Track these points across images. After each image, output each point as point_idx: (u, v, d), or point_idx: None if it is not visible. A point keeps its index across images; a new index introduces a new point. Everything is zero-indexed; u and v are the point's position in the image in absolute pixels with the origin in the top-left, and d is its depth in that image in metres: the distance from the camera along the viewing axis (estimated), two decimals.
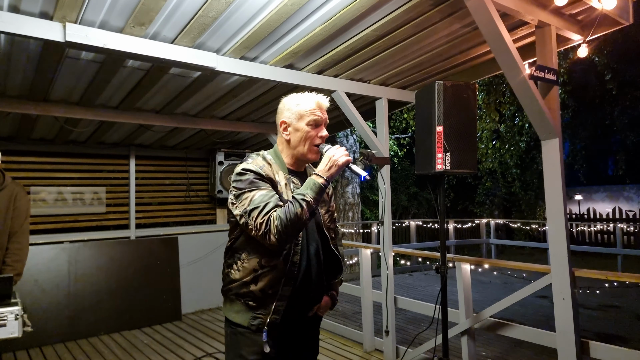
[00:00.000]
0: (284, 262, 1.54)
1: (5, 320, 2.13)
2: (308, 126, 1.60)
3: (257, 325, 1.56)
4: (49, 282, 4.50)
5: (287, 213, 1.42)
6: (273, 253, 1.53)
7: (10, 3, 2.10)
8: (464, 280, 3.35)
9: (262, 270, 1.54)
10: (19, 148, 4.59)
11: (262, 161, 1.60)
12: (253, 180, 1.52)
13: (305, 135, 1.60)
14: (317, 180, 1.48)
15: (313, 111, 1.61)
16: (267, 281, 1.54)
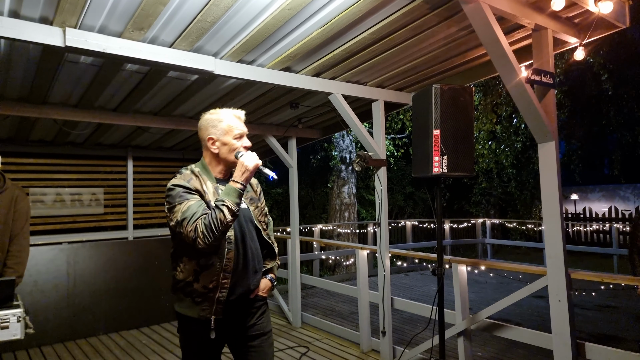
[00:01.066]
0: (219, 259, 1.77)
1: (7, 323, 2.14)
2: (234, 139, 1.82)
3: (205, 316, 1.80)
4: (48, 283, 4.51)
5: (210, 219, 1.65)
6: (208, 254, 1.75)
7: (11, 8, 2.12)
8: (460, 281, 3.39)
9: (201, 269, 1.77)
10: (18, 150, 4.61)
11: (190, 174, 1.82)
12: (181, 194, 1.73)
13: (232, 147, 1.82)
14: (234, 186, 1.71)
15: (237, 126, 1.85)
16: (207, 278, 1.77)
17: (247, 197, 1.97)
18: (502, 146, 8.90)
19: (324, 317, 5.35)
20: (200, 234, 1.64)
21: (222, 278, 1.78)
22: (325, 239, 8.31)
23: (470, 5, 2.25)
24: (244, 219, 1.90)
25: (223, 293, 1.79)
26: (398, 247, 9.40)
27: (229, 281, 1.80)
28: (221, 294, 1.79)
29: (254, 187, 2.06)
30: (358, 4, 2.33)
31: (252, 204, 1.99)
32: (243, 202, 1.89)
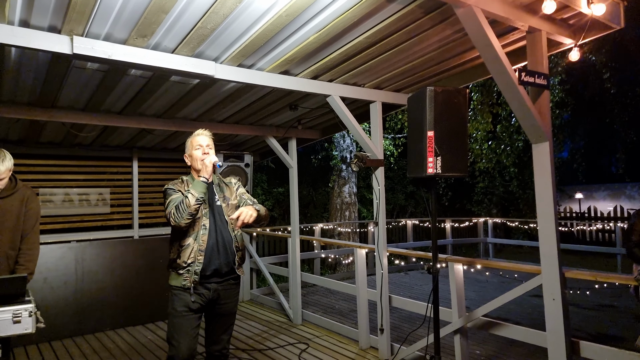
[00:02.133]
0: (195, 241, 2.39)
1: (20, 317, 2.25)
2: (195, 151, 2.52)
3: (185, 285, 2.38)
4: (57, 280, 4.64)
5: (179, 203, 2.31)
6: (186, 236, 2.38)
7: (21, 18, 2.23)
8: (456, 280, 3.45)
9: (181, 248, 2.39)
10: (27, 151, 4.74)
11: (179, 181, 2.53)
12: (169, 192, 2.44)
13: (194, 157, 2.51)
14: (198, 180, 2.39)
15: (197, 141, 2.54)
16: (186, 254, 2.37)
17: (221, 196, 2.56)
18: (502, 146, 8.92)
19: (324, 314, 5.44)
20: (173, 214, 2.30)
21: (197, 255, 2.38)
22: (325, 238, 8.40)
23: (462, 10, 2.32)
24: (217, 213, 2.50)
25: (198, 267, 2.37)
26: (398, 246, 9.46)
27: (203, 258, 2.38)
28: (197, 267, 2.37)
29: (231, 188, 2.66)
30: (353, 10, 2.42)
31: (224, 202, 2.56)
32: (217, 200, 2.52)
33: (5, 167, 2.62)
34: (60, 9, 2.15)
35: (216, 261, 2.41)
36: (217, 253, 2.42)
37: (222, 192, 2.59)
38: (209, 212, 2.47)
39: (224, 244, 2.45)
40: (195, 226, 2.40)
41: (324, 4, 2.34)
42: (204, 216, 2.44)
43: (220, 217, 2.50)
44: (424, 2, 2.41)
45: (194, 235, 2.39)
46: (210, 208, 2.50)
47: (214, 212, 2.49)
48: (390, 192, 13.89)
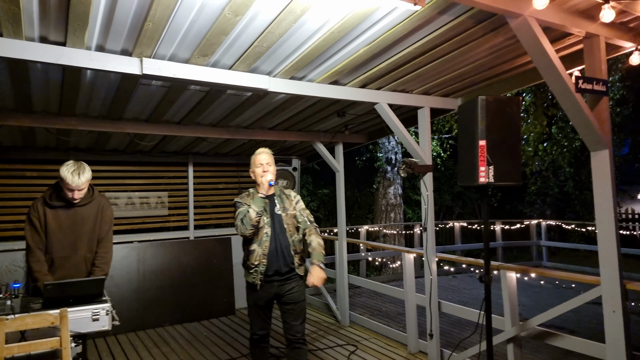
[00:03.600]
0: (260, 247, 2.87)
1: (98, 316, 2.50)
2: (257, 168, 2.95)
3: (254, 282, 2.89)
4: (122, 278, 5.01)
5: (243, 217, 2.81)
6: (252, 242, 2.88)
7: (98, 43, 2.46)
8: (509, 288, 3.39)
9: (249, 252, 2.91)
10: (95, 158, 5.13)
11: (246, 193, 3.00)
12: (237, 205, 2.95)
13: (256, 173, 2.96)
14: (258, 196, 2.86)
15: (258, 159, 2.98)
16: (253, 257, 2.89)
17: (281, 207, 2.97)
18: (556, 147, 8.53)
19: (371, 316, 5.49)
20: (238, 226, 2.84)
21: (261, 258, 2.86)
22: (371, 242, 8.43)
23: (516, 20, 2.30)
24: (277, 221, 2.93)
25: (263, 268, 2.86)
26: (445, 248, 9.30)
27: (266, 261, 2.87)
28: (262, 268, 2.86)
29: (290, 199, 3.06)
30: (403, 23, 2.46)
31: (284, 212, 2.98)
32: (278, 210, 2.95)
33: (85, 178, 2.89)
34: (132, 34, 2.35)
35: (276, 263, 2.88)
36: (277, 256, 2.88)
37: (282, 202, 2.99)
38: (270, 220, 2.91)
39: (282, 249, 2.90)
40: (259, 233, 2.87)
41: (375, 19, 2.40)
42: (266, 224, 2.88)
43: (280, 225, 2.92)
44: (475, 13, 2.40)
45: (258, 241, 2.87)
46: (271, 217, 2.93)
47: (274, 221, 2.92)
48: (436, 192, 13.63)
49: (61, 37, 2.33)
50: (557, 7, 2.40)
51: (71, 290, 2.54)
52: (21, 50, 2.28)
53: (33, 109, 3.56)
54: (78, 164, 2.90)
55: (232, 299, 5.70)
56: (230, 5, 2.11)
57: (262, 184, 2.89)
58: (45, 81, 2.98)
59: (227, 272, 5.71)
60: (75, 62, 2.42)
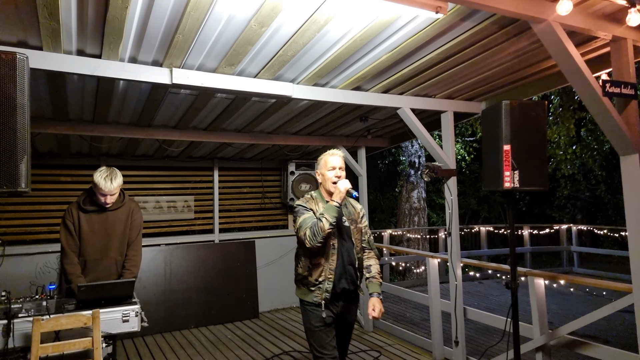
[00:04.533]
0: (325, 260, 2.49)
1: (128, 317, 2.60)
2: (328, 171, 2.58)
3: (317, 302, 2.50)
4: (150, 280, 5.16)
5: (313, 226, 2.40)
6: (317, 255, 2.48)
7: (130, 55, 2.57)
8: (537, 295, 3.32)
9: (312, 266, 2.50)
10: (125, 164, 5.32)
11: (309, 198, 2.63)
12: (301, 210, 2.55)
13: (326, 177, 2.59)
14: (331, 204, 2.45)
15: (330, 161, 2.59)
16: (317, 273, 2.50)
17: (349, 218, 2.63)
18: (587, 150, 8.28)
19: (395, 322, 5.45)
20: (307, 237, 2.39)
21: (328, 274, 2.49)
22: (395, 246, 8.37)
23: (540, 25, 2.28)
24: (345, 233, 2.58)
25: (329, 285, 2.48)
26: (471, 253, 9.15)
27: (333, 277, 2.50)
28: (328, 285, 2.48)
29: (357, 211, 2.72)
30: (425, 30, 2.47)
31: (352, 223, 2.65)
32: (345, 221, 2.59)
33: (117, 183, 3.01)
34: (163, 46, 2.46)
35: (344, 280, 2.53)
36: (344, 273, 2.53)
37: (350, 214, 2.66)
38: (336, 232, 2.54)
39: (350, 263, 2.56)
40: (326, 246, 2.47)
41: (397, 27, 2.42)
42: (333, 236, 2.50)
43: (348, 238, 2.58)
44: (499, 19, 2.39)
45: (324, 254, 2.47)
46: (338, 228, 2.56)
47: (342, 233, 2.57)
48: (461, 196, 13.42)
49: (97, 50, 2.45)
50: (582, 12, 2.36)
51: (103, 292, 2.65)
52: (60, 62, 2.42)
53: (69, 117, 3.73)
54: (110, 170, 3.02)
55: (256, 302, 5.78)
56: (257, 17, 2.18)
57: (339, 192, 2.46)
58: (80, 91, 3.13)
59: (251, 275, 5.79)
60: (110, 73, 2.54)
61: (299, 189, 6.00)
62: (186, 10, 2.07)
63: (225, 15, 2.17)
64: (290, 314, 5.87)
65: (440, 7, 2.04)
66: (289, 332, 5.09)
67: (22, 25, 2.14)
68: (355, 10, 2.20)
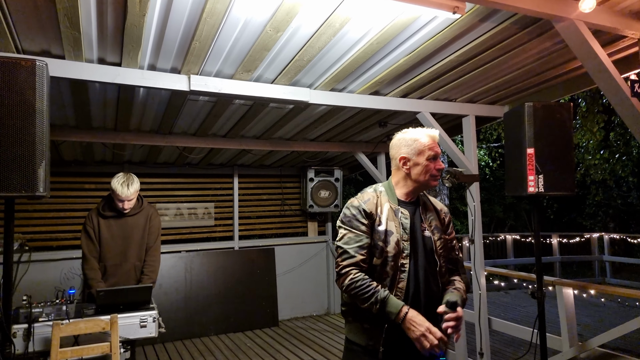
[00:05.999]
0: (389, 288, 1.67)
1: (146, 322, 2.61)
2: (427, 160, 1.77)
3: (373, 346, 1.68)
4: (170, 287, 5.20)
5: (359, 288, 1.62)
6: (378, 280, 1.67)
7: (149, 63, 2.61)
8: (566, 306, 3.18)
9: None
10: (147, 171, 5.41)
11: (372, 194, 1.80)
12: (350, 219, 1.74)
13: (425, 169, 1.77)
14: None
15: (431, 146, 1.79)
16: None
17: (429, 224, 1.80)
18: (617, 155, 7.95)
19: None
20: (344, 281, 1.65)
21: None
22: None
23: (563, 24, 2.20)
24: (424, 249, 1.75)
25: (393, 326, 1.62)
26: (496, 262, 8.89)
27: None
28: (390, 326, 1.63)
29: (440, 215, 1.88)
30: (444, 32, 2.42)
31: (435, 232, 1.79)
32: (426, 229, 1.79)
33: (134, 189, 3.05)
34: (181, 53, 2.48)
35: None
36: (419, 306, 1.66)
37: (430, 217, 1.84)
38: (409, 245, 1.72)
39: (429, 295, 1.71)
40: (391, 267, 1.69)
41: (415, 29, 2.37)
42: (403, 250, 1.71)
43: (428, 254, 1.75)
44: (520, 18, 2.32)
45: (388, 280, 1.68)
46: (413, 239, 1.75)
47: (416, 246, 1.75)
48: (486, 203, 13.09)
49: (117, 58, 2.50)
50: (608, 10, 2.27)
51: (121, 297, 2.67)
52: (81, 71, 2.48)
53: (92, 125, 3.83)
54: (127, 175, 3.07)
55: (276, 310, 5.75)
56: (272, 22, 2.18)
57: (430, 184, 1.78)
58: (102, 99, 3.20)
59: (270, 282, 5.77)
60: (130, 81, 2.58)
61: (318, 196, 5.97)
62: (202, 17, 2.09)
63: (241, 21, 2.18)
64: (310, 322, 5.81)
65: (458, 7, 1.99)
66: (309, 342, 5.03)
67: (44, 35, 2.20)
68: (371, 13, 2.17)
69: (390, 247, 1.69)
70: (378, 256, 1.69)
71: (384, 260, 1.68)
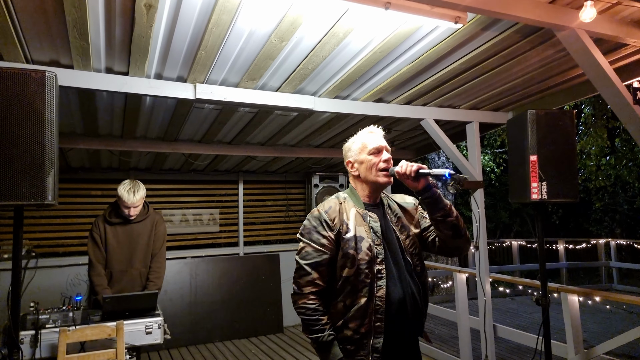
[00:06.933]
0: (368, 298, 1.55)
1: (151, 329, 2.63)
2: (370, 155, 1.70)
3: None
4: (175, 293, 5.22)
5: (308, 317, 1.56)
6: (354, 292, 1.57)
7: (156, 72, 2.66)
8: (571, 313, 3.16)
9: (347, 311, 1.58)
10: (152, 177, 5.46)
11: (334, 200, 1.71)
12: (311, 231, 1.64)
13: (369, 164, 1.68)
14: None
15: (370, 141, 1.74)
16: (357, 322, 1.56)
17: (396, 223, 1.71)
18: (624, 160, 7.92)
19: (422, 339, 5.29)
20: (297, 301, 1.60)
21: (374, 322, 1.55)
22: None
23: (564, 33, 2.21)
24: (396, 249, 1.65)
25: (378, 339, 1.55)
26: (502, 269, 8.84)
27: (382, 324, 1.55)
28: (376, 342, 1.55)
29: (408, 210, 1.78)
30: (446, 41, 2.44)
31: (403, 231, 1.70)
32: (394, 228, 1.69)
33: (140, 196, 3.09)
34: (187, 62, 2.52)
35: (402, 327, 1.60)
36: (404, 312, 1.59)
37: (396, 216, 1.75)
38: (383, 249, 1.62)
39: (411, 299, 1.61)
40: (366, 275, 1.57)
41: (418, 38, 2.40)
42: (377, 255, 1.59)
43: (399, 257, 1.66)
44: (521, 27, 2.34)
45: (366, 290, 1.56)
46: (387, 242, 1.65)
47: (393, 249, 1.65)
48: (491, 209, 13.03)
49: (124, 67, 2.54)
50: (609, 18, 2.28)
51: (127, 304, 2.70)
52: (89, 80, 2.52)
53: (99, 133, 3.88)
54: (133, 182, 3.10)
55: (281, 316, 5.75)
56: (276, 32, 2.21)
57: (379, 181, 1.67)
58: (110, 108, 3.24)
59: (275, 288, 5.78)
60: (136, 90, 2.62)
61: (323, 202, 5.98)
62: (208, 27, 2.13)
63: (246, 31, 2.21)
64: None
65: (460, 17, 2.01)
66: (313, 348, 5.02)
67: (53, 45, 2.25)
68: (374, 23, 2.20)
69: (362, 254, 1.57)
70: (350, 266, 1.57)
71: (357, 269, 1.56)
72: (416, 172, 1.56)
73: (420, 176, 1.58)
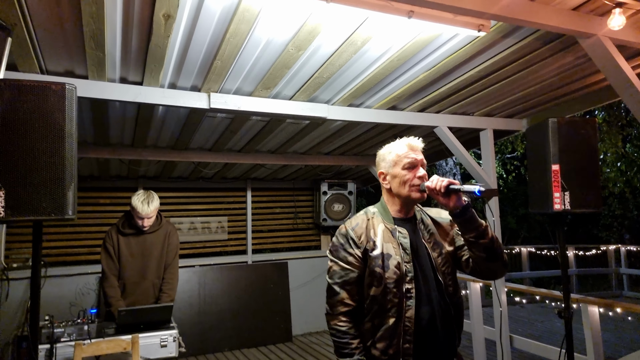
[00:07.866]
0: (396, 319, 1.50)
1: (166, 342, 2.58)
2: (404, 170, 1.59)
3: None
4: (184, 302, 5.17)
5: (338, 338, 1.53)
6: (382, 312, 1.52)
7: (170, 81, 2.63)
8: (592, 325, 3.10)
9: (375, 331, 1.53)
10: (161, 185, 5.43)
11: (362, 217, 1.65)
12: (338, 248, 1.60)
13: (402, 179, 1.59)
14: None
15: (406, 154, 1.61)
16: (385, 342, 1.51)
17: (429, 240, 1.62)
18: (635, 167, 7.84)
19: None
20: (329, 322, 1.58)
21: (403, 342, 1.49)
22: None
23: (589, 40, 2.17)
24: (427, 267, 1.58)
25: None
26: (511, 276, 8.74)
27: (411, 346, 1.49)
28: None
29: (443, 226, 1.67)
30: (465, 48, 2.40)
31: (435, 249, 1.61)
32: (426, 244, 1.60)
33: (154, 206, 3.05)
34: (202, 72, 2.50)
35: (433, 349, 1.53)
36: (435, 334, 1.53)
37: (430, 232, 1.65)
38: (412, 267, 1.55)
39: (442, 320, 1.55)
40: (394, 294, 1.51)
41: (437, 45, 2.37)
42: (406, 274, 1.53)
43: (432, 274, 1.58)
44: (543, 34, 2.30)
45: (394, 310, 1.50)
46: (417, 260, 1.57)
47: (424, 268, 1.58)
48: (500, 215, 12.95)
49: (139, 77, 2.52)
50: (633, 25, 2.24)
51: (142, 317, 2.66)
52: (104, 90, 2.50)
53: (109, 142, 3.85)
54: (147, 193, 3.07)
55: (289, 325, 5.68)
56: (294, 41, 2.19)
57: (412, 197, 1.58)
58: (121, 117, 3.22)
59: (284, 297, 5.72)
60: (151, 100, 2.60)
61: (331, 209, 5.94)
62: (225, 37, 2.10)
63: (263, 40, 2.19)
64: (325, 338, 5.72)
65: (483, 25, 1.98)
66: (323, 357, 4.95)
67: (69, 56, 2.23)
68: (393, 31, 2.17)
69: (389, 272, 1.51)
70: (377, 285, 1.52)
71: (384, 288, 1.50)
72: (446, 188, 1.47)
73: (451, 192, 1.48)
